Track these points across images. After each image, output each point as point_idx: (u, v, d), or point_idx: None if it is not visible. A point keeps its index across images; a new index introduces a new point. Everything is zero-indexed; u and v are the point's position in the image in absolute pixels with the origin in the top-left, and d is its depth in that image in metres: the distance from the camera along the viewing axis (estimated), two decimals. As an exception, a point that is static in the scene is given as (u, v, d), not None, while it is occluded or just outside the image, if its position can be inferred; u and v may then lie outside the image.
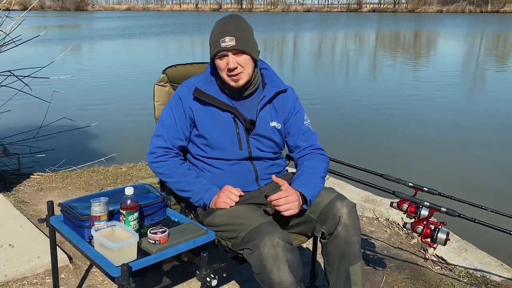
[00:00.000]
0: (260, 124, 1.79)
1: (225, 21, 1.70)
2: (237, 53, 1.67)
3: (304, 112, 1.92)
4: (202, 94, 1.75)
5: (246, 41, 1.68)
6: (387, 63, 15.34)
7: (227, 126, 1.77)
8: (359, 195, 3.42)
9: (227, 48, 1.65)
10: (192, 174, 1.80)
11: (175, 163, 1.80)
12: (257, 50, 1.74)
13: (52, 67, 4.30)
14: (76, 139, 5.72)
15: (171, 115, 1.81)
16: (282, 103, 1.85)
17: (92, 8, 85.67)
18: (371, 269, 2.52)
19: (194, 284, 2.27)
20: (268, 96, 1.80)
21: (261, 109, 1.80)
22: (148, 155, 1.83)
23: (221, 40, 1.65)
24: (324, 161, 1.87)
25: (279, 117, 1.84)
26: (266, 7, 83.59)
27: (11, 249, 2.44)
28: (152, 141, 1.83)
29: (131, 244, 1.41)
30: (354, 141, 6.15)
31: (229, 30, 1.66)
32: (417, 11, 71.18)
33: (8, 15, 3.80)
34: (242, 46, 1.66)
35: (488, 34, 29.49)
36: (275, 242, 1.48)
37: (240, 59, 1.68)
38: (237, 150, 1.78)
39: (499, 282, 2.41)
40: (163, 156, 1.80)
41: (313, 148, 1.88)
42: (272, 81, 1.86)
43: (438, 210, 2.01)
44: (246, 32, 1.70)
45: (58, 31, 27.99)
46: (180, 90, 1.83)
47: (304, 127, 1.89)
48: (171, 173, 1.79)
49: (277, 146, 1.87)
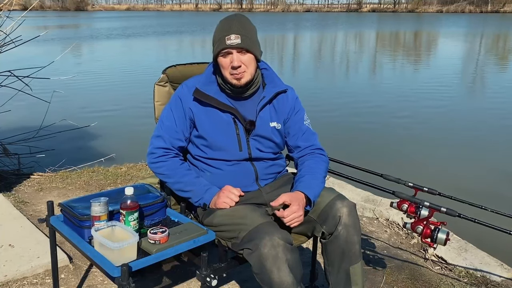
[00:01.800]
0: (259, 124, 1.79)
1: (230, 19, 1.70)
2: (242, 51, 1.67)
3: (304, 112, 1.92)
4: (202, 95, 1.75)
5: (251, 40, 1.68)
6: (387, 63, 15.34)
7: (227, 127, 1.77)
8: (359, 195, 3.42)
9: (232, 46, 1.65)
10: (191, 174, 1.80)
11: (174, 164, 1.80)
12: (260, 50, 1.75)
13: (52, 67, 4.30)
14: (76, 139, 5.72)
15: (171, 115, 1.81)
16: (282, 103, 1.85)
17: (92, 8, 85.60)
18: (371, 269, 2.52)
19: (194, 284, 2.27)
20: (268, 96, 1.80)
21: (261, 110, 1.80)
22: (148, 156, 1.83)
23: (227, 38, 1.65)
24: (324, 161, 1.88)
25: (279, 117, 1.84)
26: (266, 7, 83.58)
27: (11, 249, 2.44)
28: (152, 141, 1.83)
29: (131, 244, 1.41)
30: (354, 141, 6.14)
31: (234, 28, 1.66)
32: (417, 11, 71.19)
33: (8, 15, 3.80)
34: (247, 45, 1.66)
35: (488, 34, 29.49)
36: (275, 242, 1.48)
37: (244, 58, 1.68)
38: (237, 151, 1.78)
39: (499, 282, 2.41)
40: (162, 156, 1.80)
41: (313, 148, 1.88)
42: (272, 82, 1.85)
43: (438, 210, 2.01)
44: (251, 31, 1.70)
45: (58, 31, 27.99)
46: (180, 91, 1.83)
47: (304, 127, 1.89)
48: (170, 174, 1.79)
49: (277, 147, 1.87)
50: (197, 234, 1.55)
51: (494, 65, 14.68)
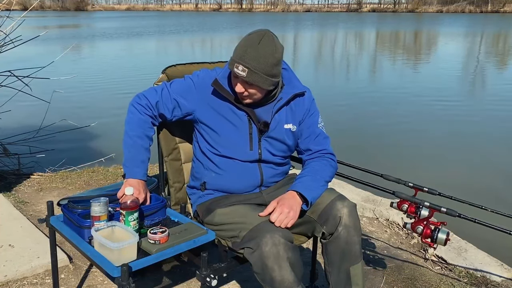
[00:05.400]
0: (273, 127, 1.77)
1: (251, 45, 1.60)
2: (247, 82, 1.64)
3: (319, 115, 1.88)
4: (220, 88, 1.73)
5: (259, 76, 1.61)
6: (388, 63, 15.34)
7: (241, 125, 1.75)
8: (359, 195, 3.42)
9: (237, 76, 1.63)
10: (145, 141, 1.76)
11: (143, 122, 1.76)
12: (271, 81, 1.65)
13: (52, 67, 4.29)
14: (76, 139, 5.72)
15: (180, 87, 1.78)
16: (298, 105, 1.82)
17: (92, 8, 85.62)
18: (371, 269, 2.52)
19: (194, 284, 2.27)
20: (285, 98, 1.77)
21: (276, 112, 1.77)
22: (135, 96, 1.80)
23: (236, 65, 1.61)
24: (332, 166, 1.85)
25: (295, 119, 1.82)
26: (266, 7, 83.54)
27: (11, 249, 2.44)
28: (149, 90, 1.80)
29: (131, 244, 1.41)
30: (354, 141, 6.14)
31: (246, 58, 1.59)
32: (417, 11, 71.16)
33: (8, 15, 3.80)
34: (252, 80, 1.61)
35: (488, 34, 29.49)
36: (276, 240, 1.48)
37: (249, 88, 1.65)
38: (248, 150, 1.76)
39: (499, 282, 2.41)
40: (142, 107, 1.77)
41: (324, 152, 1.86)
42: (290, 83, 1.82)
43: (438, 210, 2.01)
44: (265, 64, 1.60)
45: (58, 31, 27.99)
46: (203, 76, 1.79)
47: (318, 130, 1.86)
48: (133, 126, 1.76)
49: (288, 150, 1.85)
50: (197, 234, 1.55)
51: (494, 65, 14.69)
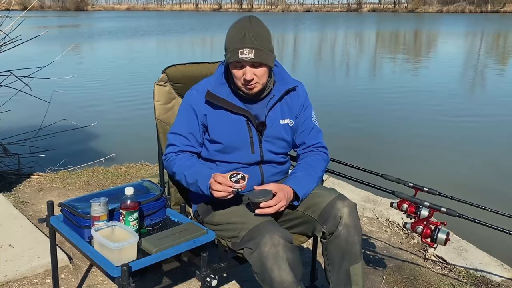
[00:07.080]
0: (270, 124, 1.78)
1: (244, 28, 1.63)
2: (255, 65, 1.64)
3: (312, 108, 1.91)
4: (214, 98, 1.72)
5: (265, 52, 1.63)
6: (388, 63, 15.34)
7: (239, 130, 1.75)
8: (359, 195, 3.42)
9: (245, 60, 1.61)
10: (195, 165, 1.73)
11: (180, 161, 1.77)
12: (273, 57, 1.70)
13: (52, 67, 4.29)
14: (76, 139, 5.72)
15: (183, 125, 1.79)
16: (293, 99, 1.84)
17: (92, 8, 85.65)
18: (371, 269, 2.52)
19: (194, 284, 2.27)
20: (278, 95, 1.78)
21: (270, 109, 1.78)
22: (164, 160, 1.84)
23: (240, 51, 1.60)
24: (325, 160, 1.88)
25: (292, 113, 1.83)
26: (266, 7, 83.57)
27: (11, 249, 2.44)
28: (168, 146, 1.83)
29: (131, 244, 1.41)
30: (354, 141, 6.14)
31: (248, 40, 1.60)
32: (417, 11, 71.20)
33: (8, 15, 3.80)
34: (261, 59, 1.62)
35: (488, 34, 29.49)
36: (276, 240, 1.48)
37: (257, 71, 1.65)
38: (250, 154, 1.77)
39: (499, 282, 2.40)
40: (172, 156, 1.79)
41: (318, 146, 1.89)
42: (282, 79, 1.83)
43: (438, 210, 2.01)
44: (265, 41, 1.64)
45: (58, 31, 27.99)
46: (190, 97, 1.79)
47: (311, 124, 1.88)
48: (177, 171, 1.76)
49: (288, 146, 1.87)
50: (197, 234, 1.55)
51: (494, 65, 14.68)
